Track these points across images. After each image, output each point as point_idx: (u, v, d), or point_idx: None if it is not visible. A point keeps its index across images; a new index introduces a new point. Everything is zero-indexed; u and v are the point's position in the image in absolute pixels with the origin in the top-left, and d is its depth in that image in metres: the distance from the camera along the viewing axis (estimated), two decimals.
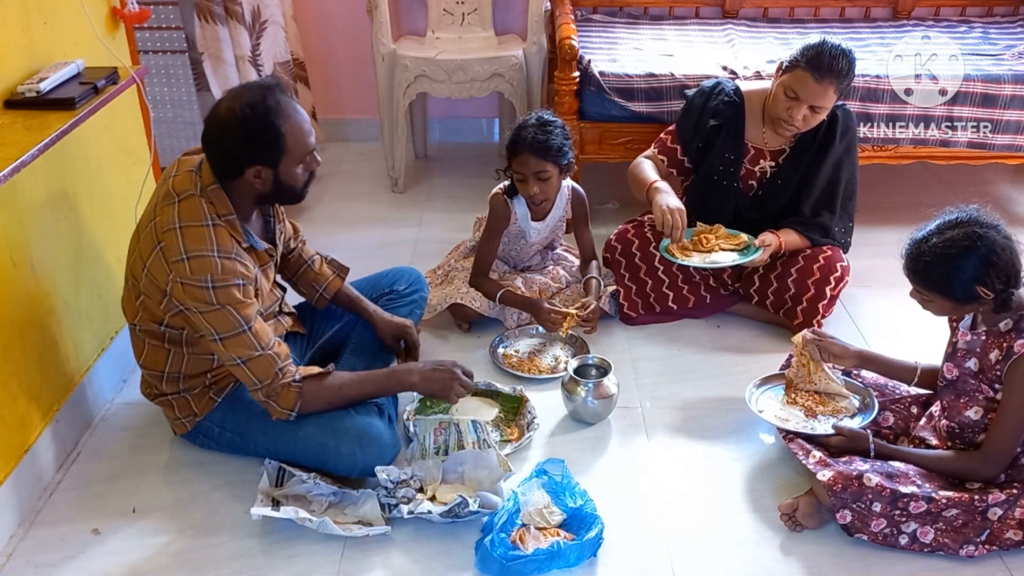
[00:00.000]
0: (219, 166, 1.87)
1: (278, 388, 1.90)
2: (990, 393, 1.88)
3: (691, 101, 2.72)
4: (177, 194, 1.87)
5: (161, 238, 1.83)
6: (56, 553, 1.88)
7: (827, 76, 2.41)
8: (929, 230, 1.86)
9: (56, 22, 2.10)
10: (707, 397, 2.38)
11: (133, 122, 2.52)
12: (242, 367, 1.87)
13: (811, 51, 2.44)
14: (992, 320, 1.88)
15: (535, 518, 1.89)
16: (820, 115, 2.49)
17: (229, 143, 1.82)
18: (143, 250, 1.88)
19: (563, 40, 3.02)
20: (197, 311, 1.83)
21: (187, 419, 2.06)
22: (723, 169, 2.65)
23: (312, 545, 1.88)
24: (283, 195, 1.95)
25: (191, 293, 1.81)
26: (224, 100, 1.85)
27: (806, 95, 2.44)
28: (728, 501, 2.03)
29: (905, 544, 1.84)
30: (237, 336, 1.85)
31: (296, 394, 1.92)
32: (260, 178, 1.87)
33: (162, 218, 1.85)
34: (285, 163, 1.86)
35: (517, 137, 2.49)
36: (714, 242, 2.56)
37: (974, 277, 1.79)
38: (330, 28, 3.87)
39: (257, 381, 1.89)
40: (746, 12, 3.81)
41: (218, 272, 1.81)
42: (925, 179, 3.60)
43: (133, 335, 2.04)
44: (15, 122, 1.84)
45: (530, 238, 2.70)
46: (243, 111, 1.79)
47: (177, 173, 1.91)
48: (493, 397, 2.34)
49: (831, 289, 2.55)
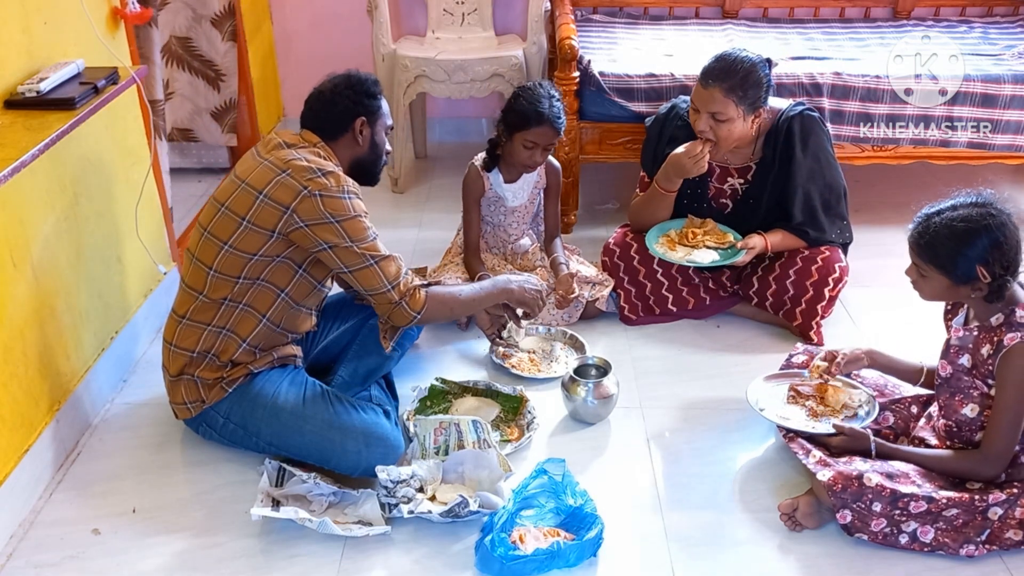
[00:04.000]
0: (329, 124, 2.09)
1: (410, 288, 2.04)
2: (984, 389, 1.88)
3: (648, 130, 2.75)
4: (289, 144, 2.04)
5: (286, 166, 1.97)
6: (56, 553, 1.88)
7: (712, 82, 2.42)
8: (943, 205, 1.86)
9: (56, 22, 2.10)
10: (707, 397, 2.38)
11: (133, 122, 2.52)
12: (375, 267, 1.99)
13: (709, 61, 2.48)
14: (983, 315, 1.88)
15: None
16: (727, 125, 2.45)
17: (341, 97, 2.07)
18: (257, 183, 1.98)
19: (563, 40, 3.02)
20: (335, 220, 1.95)
21: (194, 404, 2.06)
22: (690, 191, 2.63)
23: (312, 545, 1.88)
24: (373, 161, 2.17)
25: (330, 203, 1.94)
26: (327, 78, 2.12)
27: (699, 103, 2.47)
28: (728, 501, 2.03)
29: (905, 544, 1.85)
30: (368, 240, 2.00)
31: (424, 296, 2.06)
32: (363, 134, 2.10)
33: (279, 155, 2.00)
34: (379, 126, 2.14)
35: (535, 110, 2.53)
36: (700, 238, 2.56)
37: (979, 256, 1.79)
38: (330, 28, 3.87)
39: (389, 281, 2.01)
40: (746, 12, 3.81)
41: (350, 185, 2.01)
42: (925, 179, 3.59)
43: (185, 296, 2.05)
44: (15, 122, 1.84)
45: (508, 203, 2.73)
46: (349, 74, 2.10)
47: (279, 137, 2.07)
48: (493, 397, 2.35)
49: (829, 290, 2.55)
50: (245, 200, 1.97)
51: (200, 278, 2.02)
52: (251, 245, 1.98)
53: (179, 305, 2.08)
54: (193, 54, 3.45)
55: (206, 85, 3.50)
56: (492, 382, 2.38)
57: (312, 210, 1.93)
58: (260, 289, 2.02)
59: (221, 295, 2.01)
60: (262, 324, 2.05)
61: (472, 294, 2.22)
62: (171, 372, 2.08)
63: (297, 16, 3.89)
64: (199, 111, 3.55)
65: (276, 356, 2.10)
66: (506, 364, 2.48)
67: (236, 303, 2.02)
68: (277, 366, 2.10)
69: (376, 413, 2.07)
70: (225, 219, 1.99)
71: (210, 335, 2.03)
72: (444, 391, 2.36)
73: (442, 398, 2.34)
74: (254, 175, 1.99)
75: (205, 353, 2.04)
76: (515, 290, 2.27)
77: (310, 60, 3.90)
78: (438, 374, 2.40)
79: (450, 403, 2.32)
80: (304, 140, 2.07)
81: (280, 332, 2.10)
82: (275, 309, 2.05)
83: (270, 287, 2.03)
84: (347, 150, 2.11)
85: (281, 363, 2.11)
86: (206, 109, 3.54)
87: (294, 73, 3.99)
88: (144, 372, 2.44)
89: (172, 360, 2.07)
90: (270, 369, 2.09)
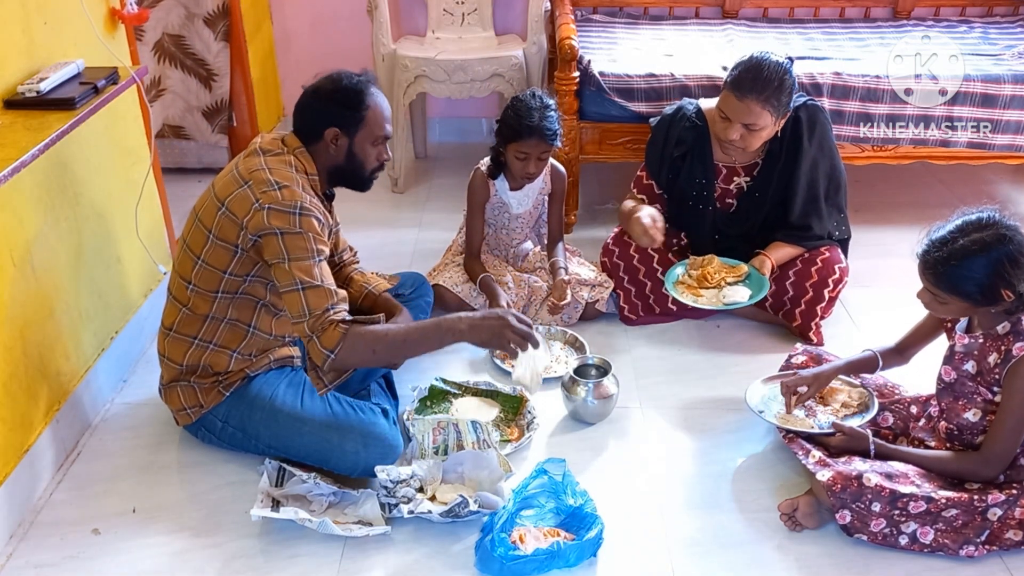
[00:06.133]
0: (305, 129, 2.03)
1: (326, 323, 1.87)
2: (988, 395, 1.88)
3: (654, 132, 2.68)
4: (264, 151, 2.00)
5: (248, 177, 1.93)
6: (56, 553, 1.88)
7: (748, 94, 2.36)
8: (950, 231, 1.81)
9: (56, 22, 2.10)
10: (707, 397, 2.38)
11: (133, 122, 2.52)
12: (299, 293, 1.88)
13: (736, 68, 2.41)
14: (989, 323, 1.87)
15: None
16: (760, 133, 2.44)
17: (318, 101, 2.00)
18: (220, 193, 1.95)
19: (563, 40, 3.01)
20: (278, 233, 1.88)
21: (192, 410, 2.06)
22: (696, 193, 2.63)
23: (312, 545, 1.88)
24: (352, 172, 2.08)
25: (278, 216, 1.88)
26: (323, 75, 2.04)
27: (733, 114, 2.41)
28: (728, 501, 2.03)
29: (905, 544, 1.84)
30: (305, 262, 1.89)
31: (341, 334, 1.87)
32: (336, 144, 2.02)
33: (248, 164, 1.96)
34: (361, 136, 2.03)
35: (525, 123, 2.51)
36: (718, 277, 2.53)
37: (1001, 279, 1.76)
38: (330, 28, 3.87)
39: (308, 311, 1.87)
40: (746, 12, 3.81)
41: (305, 202, 1.91)
42: (925, 179, 3.60)
43: (171, 307, 2.05)
44: (15, 122, 1.84)
45: (513, 210, 2.73)
46: (337, 78, 2.01)
47: (262, 140, 2.04)
48: (493, 397, 2.35)
49: (829, 292, 2.54)
50: (210, 212, 1.96)
51: (182, 290, 2.02)
52: (220, 261, 1.96)
53: (166, 316, 2.08)
54: (186, 52, 3.46)
55: (198, 84, 3.51)
56: (492, 382, 2.38)
57: (260, 223, 1.88)
58: (240, 301, 2.02)
59: (203, 312, 2.01)
60: (250, 334, 2.06)
61: (406, 336, 1.95)
62: (164, 380, 2.09)
63: (297, 16, 3.89)
64: (190, 109, 3.56)
65: (273, 359, 2.10)
66: (506, 364, 2.48)
67: (220, 319, 2.02)
68: (275, 368, 2.10)
69: (374, 413, 2.07)
70: (197, 231, 1.98)
71: (197, 349, 2.03)
72: (444, 391, 2.36)
73: (442, 398, 2.34)
74: (220, 185, 1.97)
75: (195, 366, 2.04)
76: (464, 329, 1.90)
77: (310, 60, 3.90)
78: (438, 374, 2.40)
79: (450, 403, 2.32)
80: (284, 145, 2.02)
81: (273, 338, 2.10)
82: (258, 317, 2.05)
83: (249, 298, 2.02)
84: (323, 157, 2.04)
85: (279, 364, 2.11)
86: (198, 108, 3.55)
87: (294, 73, 3.99)
88: (144, 372, 2.44)
89: (165, 370, 2.09)
90: (267, 371, 2.09)
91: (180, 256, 2.03)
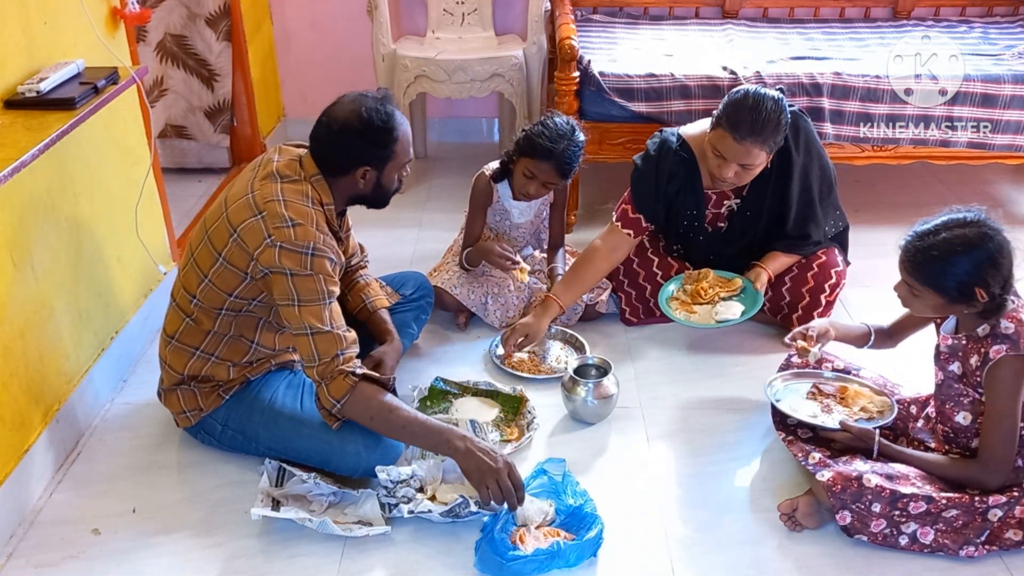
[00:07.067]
0: (330, 163, 1.97)
1: (335, 371, 1.87)
2: (975, 396, 1.88)
3: (641, 169, 2.55)
4: (281, 176, 1.94)
5: (263, 207, 1.88)
6: (56, 553, 1.88)
7: (747, 137, 2.27)
8: (935, 224, 1.83)
9: (56, 22, 2.10)
10: (707, 397, 2.38)
11: (133, 122, 2.52)
12: (309, 338, 1.86)
13: (731, 108, 2.30)
14: (970, 325, 1.87)
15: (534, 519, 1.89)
16: (755, 170, 2.38)
17: (348, 142, 1.93)
18: (234, 218, 1.90)
19: (563, 40, 3.01)
20: (288, 273, 1.85)
21: (192, 413, 2.06)
22: (687, 223, 2.60)
23: (312, 545, 1.88)
24: (377, 198, 2.07)
25: (289, 256, 1.84)
26: (342, 103, 1.96)
27: (730, 156, 2.32)
28: (728, 501, 2.03)
29: (905, 545, 1.84)
30: (315, 305, 1.87)
31: (349, 387, 1.87)
32: (365, 179, 1.99)
33: (263, 191, 1.90)
34: (389, 168, 2.01)
35: (547, 144, 2.46)
36: (712, 292, 2.52)
37: (977, 277, 1.78)
38: (330, 28, 3.87)
39: (317, 357, 1.87)
40: (746, 12, 3.81)
41: (319, 242, 1.87)
42: (925, 179, 3.60)
43: (174, 314, 2.04)
44: (15, 122, 1.84)
45: (514, 218, 2.73)
46: (366, 114, 1.92)
47: (280, 159, 1.98)
48: (493, 397, 2.35)
49: (826, 296, 2.55)
50: (222, 234, 1.92)
51: (186, 302, 2.01)
52: (227, 284, 1.95)
53: (168, 323, 2.06)
54: (188, 52, 3.46)
55: (200, 84, 3.52)
56: (492, 382, 2.38)
57: (271, 260, 1.85)
58: (243, 319, 2.01)
59: (206, 327, 2.01)
60: (253, 349, 2.06)
61: (407, 423, 1.89)
62: (164, 384, 2.10)
63: (297, 16, 3.89)
64: (192, 109, 3.56)
65: (274, 363, 2.11)
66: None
67: (223, 335, 2.02)
68: (275, 370, 2.11)
69: None
70: (206, 249, 1.96)
71: (199, 360, 2.03)
72: (444, 391, 2.36)
73: (442, 398, 2.34)
74: (234, 208, 1.91)
75: (195, 376, 2.04)
76: (460, 451, 1.85)
77: (310, 60, 3.90)
78: (438, 374, 2.40)
79: (450, 403, 2.32)
80: (302, 169, 1.96)
81: (275, 352, 2.11)
82: (261, 333, 2.05)
83: (252, 315, 2.02)
84: (346, 188, 2.01)
85: (279, 367, 2.12)
86: (200, 108, 3.55)
87: (294, 73, 3.99)
88: (144, 372, 2.44)
89: (165, 375, 2.09)
90: (267, 373, 2.09)
91: (186, 268, 2.01)
